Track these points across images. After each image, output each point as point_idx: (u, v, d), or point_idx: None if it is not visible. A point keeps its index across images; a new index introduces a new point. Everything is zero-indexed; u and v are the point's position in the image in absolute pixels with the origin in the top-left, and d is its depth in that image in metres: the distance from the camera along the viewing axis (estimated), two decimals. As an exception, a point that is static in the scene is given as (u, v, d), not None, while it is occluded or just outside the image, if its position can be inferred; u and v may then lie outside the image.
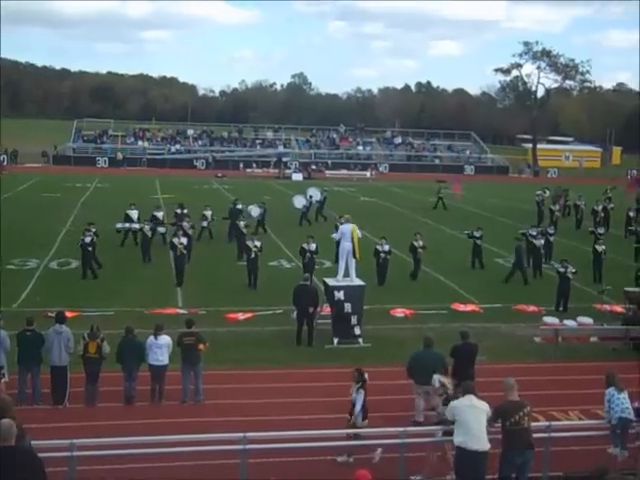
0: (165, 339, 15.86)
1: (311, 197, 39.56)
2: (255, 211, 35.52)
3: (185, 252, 26.09)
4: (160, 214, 33.68)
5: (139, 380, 15.61)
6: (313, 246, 25.68)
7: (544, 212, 41.80)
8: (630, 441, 11.57)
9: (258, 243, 25.89)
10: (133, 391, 15.57)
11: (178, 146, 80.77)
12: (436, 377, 12.94)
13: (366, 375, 13.29)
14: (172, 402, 15.66)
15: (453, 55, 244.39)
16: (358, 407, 12.96)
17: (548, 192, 45.69)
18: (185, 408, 15.42)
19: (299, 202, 38.88)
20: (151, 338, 15.81)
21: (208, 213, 34.22)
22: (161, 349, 15.73)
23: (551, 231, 31.47)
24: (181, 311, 22.18)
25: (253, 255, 25.54)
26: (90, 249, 26.47)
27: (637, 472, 10.79)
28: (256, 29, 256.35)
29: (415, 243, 27.69)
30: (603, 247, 27.85)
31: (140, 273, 27.26)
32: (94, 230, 27.20)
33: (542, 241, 29.15)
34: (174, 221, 32.33)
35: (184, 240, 26.21)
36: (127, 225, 32.00)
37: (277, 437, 11.49)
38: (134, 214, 32.50)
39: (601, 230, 33.21)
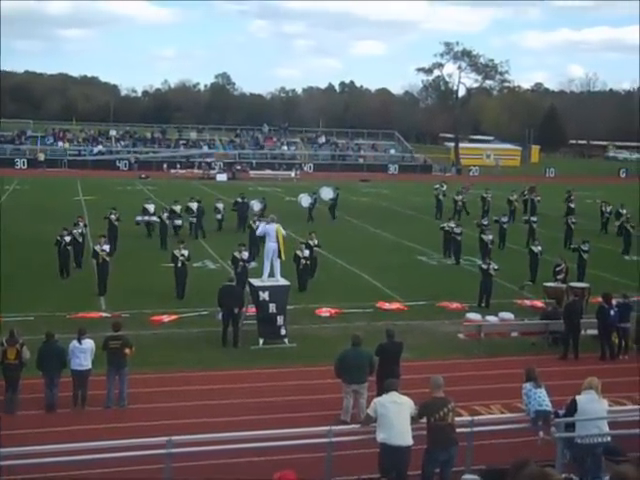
0: (89, 343, 15.59)
1: (314, 194, 41.01)
2: (257, 206, 36.86)
3: (108, 260, 25.13)
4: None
5: (61, 386, 15.31)
6: (245, 254, 24.99)
7: (443, 204, 44.85)
8: (548, 433, 11.84)
9: (185, 252, 24.81)
10: (55, 398, 15.26)
11: (100, 147, 79.32)
12: None
13: None
14: (95, 408, 15.39)
15: (376, 55, 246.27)
16: None
17: (445, 186, 48.43)
18: (109, 413, 15.19)
19: (305, 201, 40.50)
20: (74, 343, 15.53)
21: (220, 206, 37.09)
22: (85, 354, 15.47)
23: (485, 222, 32.55)
24: (104, 314, 21.83)
25: (180, 264, 24.55)
26: (69, 248, 26.97)
27: (555, 463, 11.04)
28: (177, 28, 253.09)
29: (310, 242, 27.68)
30: (539, 248, 28.32)
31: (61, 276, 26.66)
32: (74, 230, 27.66)
33: (490, 237, 30.02)
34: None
35: (107, 247, 25.36)
36: (146, 218, 34.41)
37: (203, 439, 11.40)
38: (151, 208, 35.44)
39: (505, 219, 35.05)
